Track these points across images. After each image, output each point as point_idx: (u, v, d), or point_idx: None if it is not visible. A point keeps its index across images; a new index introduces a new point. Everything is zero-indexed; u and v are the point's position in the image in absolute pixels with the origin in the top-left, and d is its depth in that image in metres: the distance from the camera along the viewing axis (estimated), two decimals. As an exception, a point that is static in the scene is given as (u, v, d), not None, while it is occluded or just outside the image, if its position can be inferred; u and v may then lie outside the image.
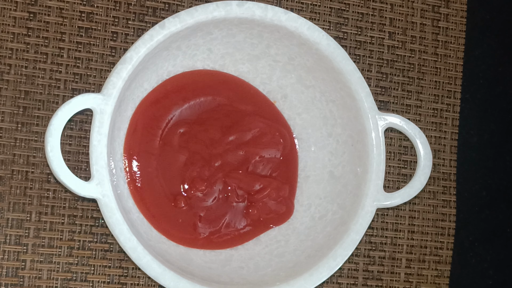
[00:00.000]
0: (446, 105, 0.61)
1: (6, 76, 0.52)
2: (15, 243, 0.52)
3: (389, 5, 0.60)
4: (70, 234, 0.53)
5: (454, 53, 0.61)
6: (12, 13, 0.53)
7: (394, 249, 0.59)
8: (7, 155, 0.52)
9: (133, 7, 0.55)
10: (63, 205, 0.53)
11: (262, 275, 0.52)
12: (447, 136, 0.61)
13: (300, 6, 0.58)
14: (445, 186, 0.61)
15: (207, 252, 0.53)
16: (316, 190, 0.55)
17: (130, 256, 0.48)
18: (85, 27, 0.54)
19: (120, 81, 0.48)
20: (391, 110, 0.60)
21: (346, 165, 0.54)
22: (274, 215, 0.55)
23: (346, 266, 0.58)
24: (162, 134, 0.53)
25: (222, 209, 0.54)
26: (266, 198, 0.54)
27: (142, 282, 0.54)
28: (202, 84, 0.54)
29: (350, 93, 0.53)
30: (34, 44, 0.53)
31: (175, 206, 0.53)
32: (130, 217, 0.50)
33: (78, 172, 0.53)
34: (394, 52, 0.60)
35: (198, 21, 0.49)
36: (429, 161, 0.54)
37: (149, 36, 0.49)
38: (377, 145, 0.52)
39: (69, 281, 0.52)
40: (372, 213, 0.52)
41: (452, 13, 0.62)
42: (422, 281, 0.59)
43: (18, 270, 0.52)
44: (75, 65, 0.54)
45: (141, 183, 0.52)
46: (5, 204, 0.52)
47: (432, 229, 0.60)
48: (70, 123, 0.53)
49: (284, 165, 0.56)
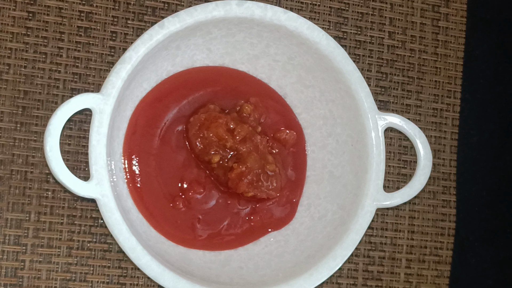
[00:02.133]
0: (446, 105, 0.61)
1: (5, 76, 0.52)
2: (14, 243, 0.52)
3: (389, 4, 0.60)
4: (69, 234, 0.53)
5: (454, 53, 0.61)
6: (11, 13, 0.53)
7: (394, 249, 0.59)
8: (6, 155, 0.52)
9: (133, 7, 0.55)
10: (62, 205, 0.53)
11: (262, 275, 0.52)
12: (447, 136, 0.61)
13: (299, 6, 0.58)
14: (445, 186, 0.61)
15: (206, 252, 0.53)
16: (316, 190, 0.55)
17: (129, 256, 0.47)
18: (85, 27, 0.54)
19: (119, 80, 0.48)
20: (391, 110, 0.59)
21: (346, 165, 0.54)
22: (276, 219, 0.55)
23: (346, 266, 0.58)
24: (161, 134, 0.53)
25: (222, 212, 0.53)
26: (274, 204, 0.54)
27: (141, 282, 0.54)
28: (201, 78, 0.54)
29: (350, 92, 0.53)
30: (33, 44, 0.53)
31: (174, 207, 0.52)
32: (129, 217, 0.50)
33: (77, 172, 0.53)
34: (394, 52, 0.60)
35: (198, 21, 0.49)
36: (429, 161, 0.54)
37: (148, 35, 0.48)
38: (377, 145, 0.52)
39: (68, 281, 0.52)
40: (372, 213, 0.52)
41: (452, 13, 0.62)
42: (422, 281, 0.59)
43: (17, 270, 0.52)
44: (74, 65, 0.54)
45: (140, 183, 0.52)
46: (4, 204, 0.52)
47: (432, 229, 0.60)
48: (69, 123, 0.53)
49: (293, 166, 0.56)
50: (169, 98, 0.53)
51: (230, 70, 0.55)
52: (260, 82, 0.56)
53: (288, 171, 0.55)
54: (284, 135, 0.55)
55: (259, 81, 0.56)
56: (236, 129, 0.52)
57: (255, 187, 0.52)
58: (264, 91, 0.56)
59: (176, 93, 0.53)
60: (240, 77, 0.55)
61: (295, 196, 0.55)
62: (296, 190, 0.55)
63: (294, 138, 0.55)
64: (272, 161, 0.53)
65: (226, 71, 0.55)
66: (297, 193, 0.55)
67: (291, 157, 0.55)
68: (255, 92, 0.55)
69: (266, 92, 0.56)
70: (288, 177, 0.55)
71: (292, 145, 0.56)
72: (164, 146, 0.53)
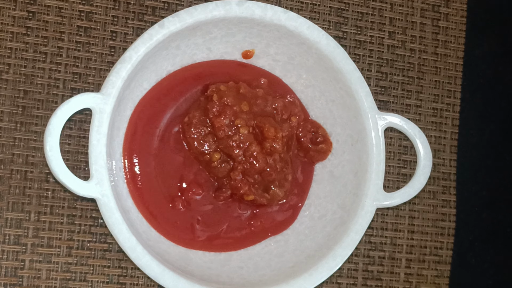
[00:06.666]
0: (446, 104, 0.61)
1: (5, 76, 0.52)
2: (14, 242, 0.52)
3: (389, 4, 0.60)
4: (69, 234, 0.53)
5: (454, 53, 0.61)
6: (11, 12, 0.53)
7: (393, 249, 0.59)
8: (6, 155, 0.52)
9: (133, 7, 0.55)
10: (62, 205, 0.53)
11: (262, 275, 0.52)
12: (447, 136, 0.61)
13: (299, 6, 0.58)
14: (445, 186, 0.61)
15: (206, 252, 0.53)
16: (316, 189, 0.55)
17: (129, 256, 0.47)
18: (85, 27, 0.54)
19: (119, 80, 0.48)
20: (391, 109, 0.59)
21: (346, 164, 0.54)
22: (277, 224, 0.54)
23: (346, 266, 0.58)
24: (160, 133, 0.53)
25: (222, 215, 0.53)
26: (276, 209, 0.54)
27: (141, 282, 0.54)
28: (198, 73, 0.54)
29: (350, 92, 0.53)
30: (33, 44, 0.53)
31: (173, 207, 0.52)
32: (129, 217, 0.50)
33: (77, 172, 0.53)
34: (394, 52, 0.60)
35: (198, 20, 0.49)
36: (429, 161, 0.54)
37: (148, 35, 0.48)
38: (377, 144, 0.52)
39: (68, 281, 0.52)
40: (372, 213, 0.52)
41: (452, 13, 0.62)
42: (422, 281, 0.59)
43: (17, 270, 0.52)
44: (74, 65, 0.54)
45: (140, 183, 0.52)
46: (4, 204, 0.52)
47: (432, 229, 0.60)
48: (69, 123, 0.53)
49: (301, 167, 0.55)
50: (168, 97, 0.53)
51: (227, 61, 0.54)
52: (259, 70, 0.55)
53: (298, 174, 0.55)
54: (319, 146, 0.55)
55: (259, 69, 0.55)
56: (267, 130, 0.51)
57: (256, 193, 0.52)
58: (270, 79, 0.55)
59: (174, 91, 0.53)
60: (238, 67, 0.55)
61: (301, 201, 0.55)
62: (303, 195, 0.55)
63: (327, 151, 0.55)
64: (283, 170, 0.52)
65: (223, 63, 0.54)
66: (303, 198, 0.55)
67: (299, 160, 0.55)
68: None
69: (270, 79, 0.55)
70: (298, 181, 0.55)
71: (321, 159, 0.55)
72: (163, 146, 0.53)
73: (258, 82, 0.54)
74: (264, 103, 0.52)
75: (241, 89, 0.52)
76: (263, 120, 0.51)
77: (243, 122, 0.51)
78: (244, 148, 0.51)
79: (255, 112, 0.52)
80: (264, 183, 0.52)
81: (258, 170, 0.51)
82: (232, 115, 0.51)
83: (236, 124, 0.51)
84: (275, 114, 0.53)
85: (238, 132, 0.51)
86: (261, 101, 0.52)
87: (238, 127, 0.51)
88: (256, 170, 0.51)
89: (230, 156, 0.51)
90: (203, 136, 0.52)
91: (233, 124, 0.51)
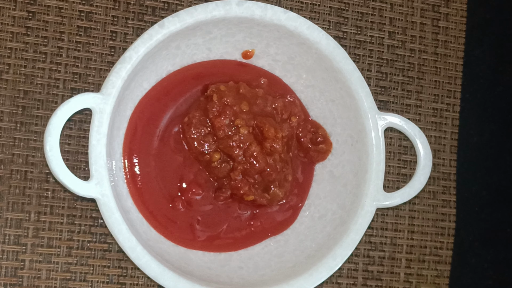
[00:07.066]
0: (446, 105, 0.61)
1: (5, 76, 0.52)
2: (14, 243, 0.52)
3: (389, 4, 0.60)
4: (69, 234, 0.53)
5: (454, 53, 0.61)
6: (11, 12, 0.53)
7: (393, 249, 0.59)
8: (6, 155, 0.52)
9: (133, 7, 0.55)
10: (62, 205, 0.53)
11: (262, 275, 0.52)
12: (447, 136, 0.61)
13: (299, 6, 0.58)
14: (445, 186, 0.61)
15: (206, 252, 0.53)
16: (316, 190, 0.55)
17: (129, 256, 0.47)
18: (84, 27, 0.54)
19: (119, 80, 0.48)
20: (391, 109, 0.59)
21: (346, 164, 0.54)
22: (277, 224, 0.54)
23: (346, 266, 0.58)
24: (160, 133, 0.53)
25: (222, 215, 0.53)
26: (276, 210, 0.54)
27: (141, 282, 0.54)
28: (198, 73, 0.54)
29: (350, 92, 0.52)
30: (33, 44, 0.53)
31: (173, 207, 0.52)
32: (129, 217, 0.50)
33: (77, 172, 0.53)
34: (394, 52, 0.60)
35: (198, 21, 0.49)
36: (429, 161, 0.54)
37: (148, 35, 0.48)
38: (377, 144, 0.52)
39: (68, 281, 0.52)
40: (372, 213, 0.52)
41: (452, 13, 0.62)
42: (422, 281, 0.59)
43: (17, 270, 0.52)
44: (74, 65, 0.54)
45: (140, 183, 0.52)
46: (4, 204, 0.52)
47: (432, 229, 0.60)
48: (69, 123, 0.53)
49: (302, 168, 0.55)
50: (167, 97, 0.53)
51: (227, 61, 0.54)
52: (259, 70, 0.55)
53: (298, 174, 0.55)
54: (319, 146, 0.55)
55: (259, 69, 0.55)
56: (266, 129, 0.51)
57: (255, 193, 0.52)
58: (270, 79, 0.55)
59: (174, 91, 0.53)
60: (238, 67, 0.55)
61: (301, 201, 0.55)
62: (303, 195, 0.55)
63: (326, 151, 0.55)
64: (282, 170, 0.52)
65: (222, 63, 0.54)
66: (303, 198, 0.55)
67: (299, 160, 0.55)
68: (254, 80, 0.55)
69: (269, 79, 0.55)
70: (298, 181, 0.55)
71: (321, 159, 0.55)
72: (163, 146, 0.53)
73: (258, 82, 0.54)
74: (264, 103, 0.52)
75: (241, 89, 0.52)
76: (263, 120, 0.51)
77: (243, 122, 0.51)
78: (244, 148, 0.51)
79: (255, 112, 0.52)
80: (264, 183, 0.52)
81: (258, 170, 0.51)
82: (232, 115, 0.51)
83: (236, 124, 0.51)
84: (275, 114, 0.53)
85: (238, 132, 0.51)
86: (261, 101, 0.52)
87: (238, 127, 0.51)
88: (256, 170, 0.51)
89: (230, 156, 0.51)
90: (203, 136, 0.52)
91: (233, 124, 0.51)
